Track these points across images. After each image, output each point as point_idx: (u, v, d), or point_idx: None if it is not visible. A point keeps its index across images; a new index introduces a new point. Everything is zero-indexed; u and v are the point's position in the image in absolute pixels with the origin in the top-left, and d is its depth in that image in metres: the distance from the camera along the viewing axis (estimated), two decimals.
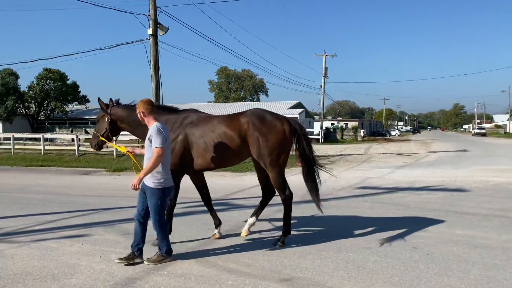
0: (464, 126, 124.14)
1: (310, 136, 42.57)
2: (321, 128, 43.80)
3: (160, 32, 17.33)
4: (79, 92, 43.31)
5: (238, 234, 5.99)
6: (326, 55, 44.72)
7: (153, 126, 4.57)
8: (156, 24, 17.02)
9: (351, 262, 4.71)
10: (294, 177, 13.89)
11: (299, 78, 66.82)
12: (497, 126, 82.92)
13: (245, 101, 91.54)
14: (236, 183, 12.20)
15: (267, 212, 7.65)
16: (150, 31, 16.93)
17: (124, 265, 4.52)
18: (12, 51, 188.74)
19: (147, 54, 17.27)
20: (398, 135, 75.22)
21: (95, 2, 16.81)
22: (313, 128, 47.85)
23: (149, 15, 16.99)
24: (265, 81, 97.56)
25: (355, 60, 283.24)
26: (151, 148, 4.48)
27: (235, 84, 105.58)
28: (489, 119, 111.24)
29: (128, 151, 5.10)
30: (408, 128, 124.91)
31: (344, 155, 24.14)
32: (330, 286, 4.02)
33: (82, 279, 4.22)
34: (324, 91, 45.10)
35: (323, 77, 45.03)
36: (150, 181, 4.50)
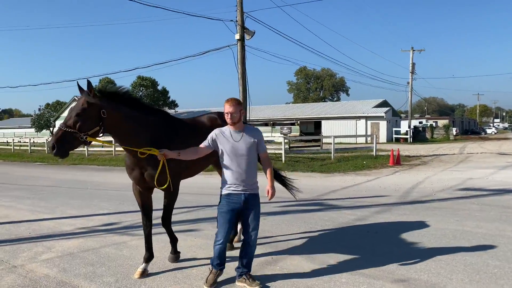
0: None
1: (398, 136, 40.69)
2: (409, 127, 41.79)
3: (246, 36, 17.86)
4: (169, 97, 46.26)
5: (340, 234, 5.98)
6: (414, 50, 42.59)
7: (257, 128, 4.28)
8: (243, 29, 17.57)
9: (469, 265, 4.47)
10: (390, 178, 13.47)
11: (383, 75, 64.35)
12: None
13: (324, 101, 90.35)
14: (327, 184, 12.14)
15: (365, 214, 7.53)
16: (237, 36, 17.53)
17: None
18: (111, 61, 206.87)
19: (235, 58, 17.91)
20: (495, 133, 68.93)
21: (188, 12, 17.79)
22: (400, 127, 45.72)
23: (236, 21, 17.60)
24: (346, 79, 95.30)
25: (445, 54, 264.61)
26: (253, 153, 4.07)
27: (314, 84, 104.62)
28: None
29: (163, 154, 4.12)
30: (506, 125, 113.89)
31: (437, 155, 22.76)
32: None
33: (202, 270, 4.54)
34: (411, 88, 42.98)
35: (410, 74, 42.95)
36: (255, 188, 4.10)
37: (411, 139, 38.27)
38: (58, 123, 53.57)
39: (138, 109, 4.33)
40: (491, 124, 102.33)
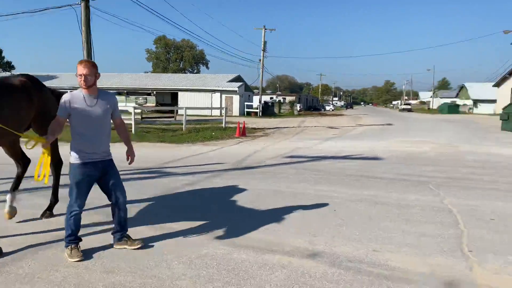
0: (394, 102, 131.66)
1: (249, 110, 42.99)
2: (260, 102, 44.57)
3: None
4: (3, 57, 40.14)
5: (171, 198, 6.38)
6: (266, 29, 45.02)
7: (112, 93, 4.18)
8: None
9: (274, 216, 5.29)
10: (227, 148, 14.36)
11: (239, 52, 66.91)
12: (422, 103, 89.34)
13: (184, 73, 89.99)
14: (172, 154, 12.42)
15: (197, 179, 8.06)
16: None
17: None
18: None
19: (78, 20, 16.55)
20: (333, 110, 78.42)
21: None
22: (252, 101, 48.43)
23: None
24: (206, 53, 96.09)
25: (294, 36, 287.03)
26: (109, 119, 4.02)
27: (174, 54, 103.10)
28: (416, 95, 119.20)
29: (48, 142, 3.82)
30: (342, 103, 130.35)
31: (279, 127, 25.04)
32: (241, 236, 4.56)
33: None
34: (263, 65, 45.61)
35: (262, 51, 45.46)
36: (110, 154, 4.11)
37: (260, 113, 41.05)
38: None
39: None
40: (331, 102, 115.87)
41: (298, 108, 51.66)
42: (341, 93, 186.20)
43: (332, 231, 4.79)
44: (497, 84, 51.35)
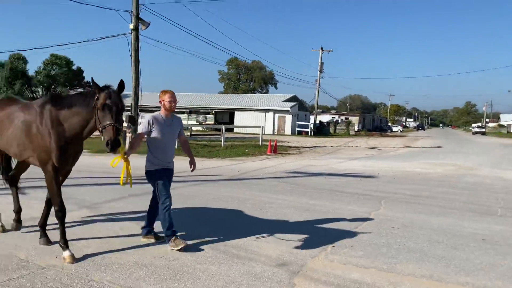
0: (473, 125, 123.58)
1: (300, 129, 43.69)
2: (315, 121, 45.35)
3: (141, 27, 19.11)
4: (84, 77, 45.58)
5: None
6: (323, 50, 46.08)
7: (179, 116, 5.21)
8: (138, 20, 18.79)
9: (195, 214, 6.44)
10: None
11: (297, 74, 68.44)
12: (500, 126, 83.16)
13: (254, 93, 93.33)
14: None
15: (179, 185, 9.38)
16: (131, 26, 18.73)
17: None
18: (19, 39, 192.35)
19: (129, 47, 19.11)
20: (401, 131, 75.92)
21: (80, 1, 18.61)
22: (309, 121, 49.29)
23: (131, 12, 18.76)
24: (275, 73, 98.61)
25: (358, 58, 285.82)
26: (176, 136, 5.02)
27: (245, 75, 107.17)
28: (497, 118, 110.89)
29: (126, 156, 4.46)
30: (415, 124, 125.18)
31: (317, 147, 25.71)
32: None
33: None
34: (319, 85, 46.58)
35: (318, 72, 46.46)
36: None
37: (312, 132, 41.71)
38: None
39: None
40: (404, 123, 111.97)
41: (356, 128, 51.35)
42: (416, 114, 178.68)
43: (247, 226, 5.83)
44: None
